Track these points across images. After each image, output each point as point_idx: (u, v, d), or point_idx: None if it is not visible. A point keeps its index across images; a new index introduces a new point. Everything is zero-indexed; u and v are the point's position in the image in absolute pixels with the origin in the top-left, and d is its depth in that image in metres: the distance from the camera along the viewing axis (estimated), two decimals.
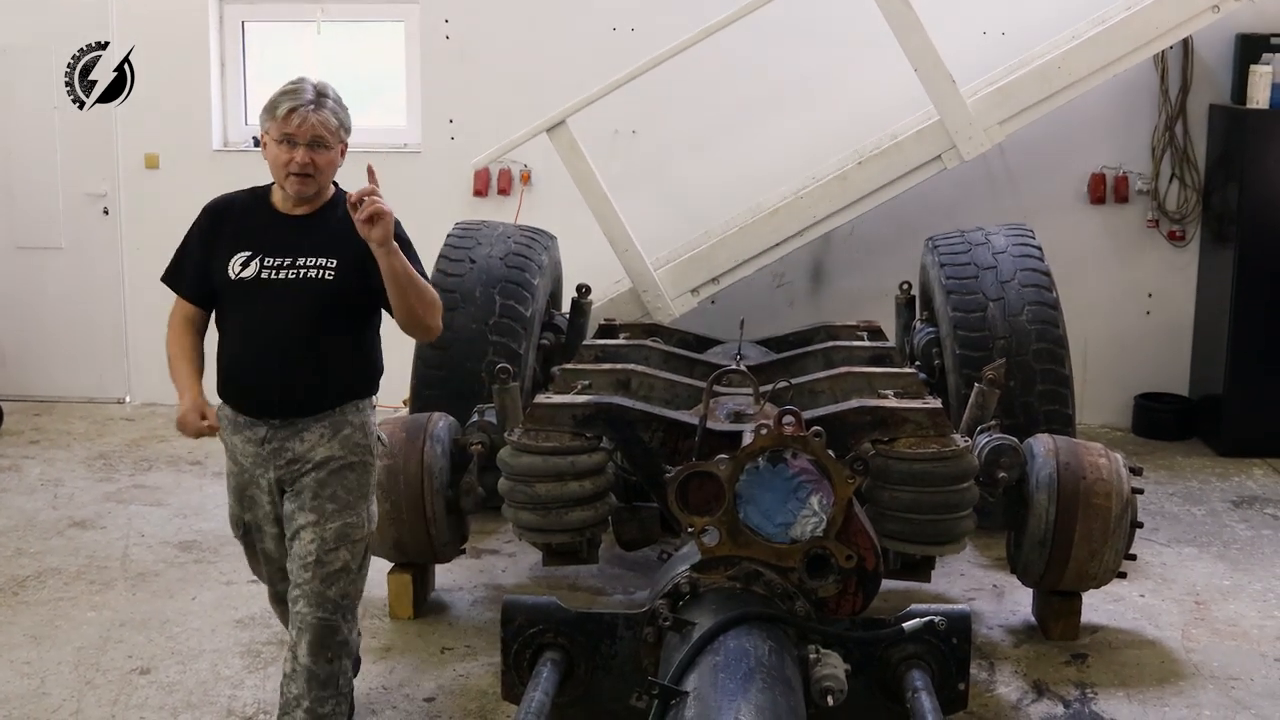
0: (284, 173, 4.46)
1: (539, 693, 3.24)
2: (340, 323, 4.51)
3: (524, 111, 8.47)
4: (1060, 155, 9.08)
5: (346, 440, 4.52)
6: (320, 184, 4.51)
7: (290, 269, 4.45)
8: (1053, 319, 6.69)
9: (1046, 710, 5.18)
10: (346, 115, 4.59)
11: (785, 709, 2.81)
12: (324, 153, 4.46)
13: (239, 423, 4.55)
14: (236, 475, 4.63)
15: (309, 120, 4.41)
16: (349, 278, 4.45)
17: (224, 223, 4.62)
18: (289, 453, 4.48)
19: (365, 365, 4.66)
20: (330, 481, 4.48)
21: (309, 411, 4.48)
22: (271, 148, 4.48)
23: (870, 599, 3.49)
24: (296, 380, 4.45)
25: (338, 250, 4.46)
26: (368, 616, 5.97)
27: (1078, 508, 5.50)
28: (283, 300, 4.43)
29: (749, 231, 8.39)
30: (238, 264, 4.48)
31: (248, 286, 4.46)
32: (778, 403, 5.23)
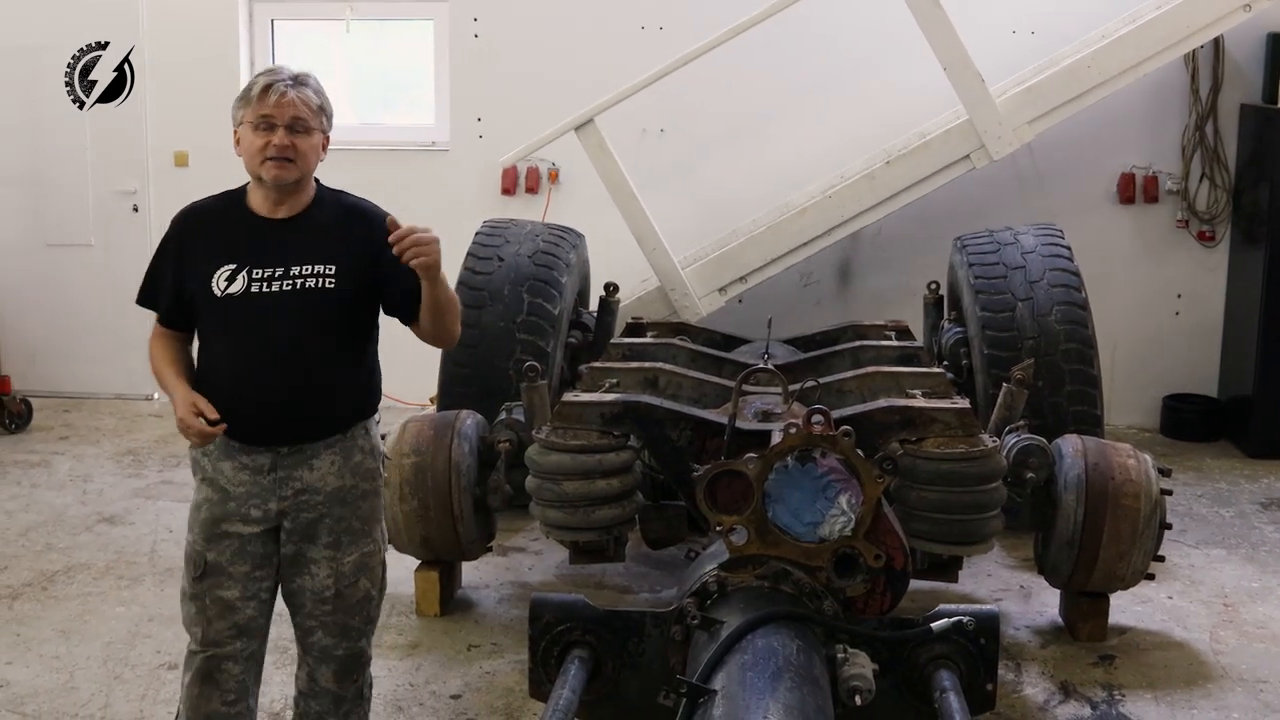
0: (260, 159, 3.99)
1: (566, 690, 3.24)
2: (346, 335, 4.12)
3: (552, 110, 8.48)
4: (1090, 155, 9.05)
5: (359, 468, 4.17)
6: (302, 171, 4.04)
7: (285, 279, 4.01)
8: (1081, 319, 6.67)
9: (1074, 712, 5.17)
10: (328, 101, 4.16)
11: (813, 708, 2.81)
12: (305, 137, 4.01)
13: (232, 448, 4.08)
14: (214, 506, 4.11)
15: (288, 97, 3.99)
16: (351, 284, 4.06)
17: (198, 234, 4.15)
18: (297, 482, 4.07)
19: (371, 381, 4.29)
20: (345, 515, 4.14)
21: (320, 435, 4.09)
22: (246, 136, 4.04)
23: (898, 599, 3.48)
24: (306, 402, 4.05)
25: (335, 254, 4.05)
26: (394, 613, 5.99)
27: (1106, 508, 5.49)
28: (281, 315, 4.00)
29: (777, 230, 8.39)
30: (223, 279, 4.01)
31: (238, 303, 4.00)
32: (805, 402, 5.22)
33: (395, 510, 5.80)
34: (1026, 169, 9.04)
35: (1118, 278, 9.07)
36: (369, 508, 4.23)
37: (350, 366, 4.15)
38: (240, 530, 4.09)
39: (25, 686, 5.31)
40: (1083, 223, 8.79)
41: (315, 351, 4.04)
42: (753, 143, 9.27)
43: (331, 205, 4.17)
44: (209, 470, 4.13)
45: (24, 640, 5.75)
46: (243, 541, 4.09)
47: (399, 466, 5.79)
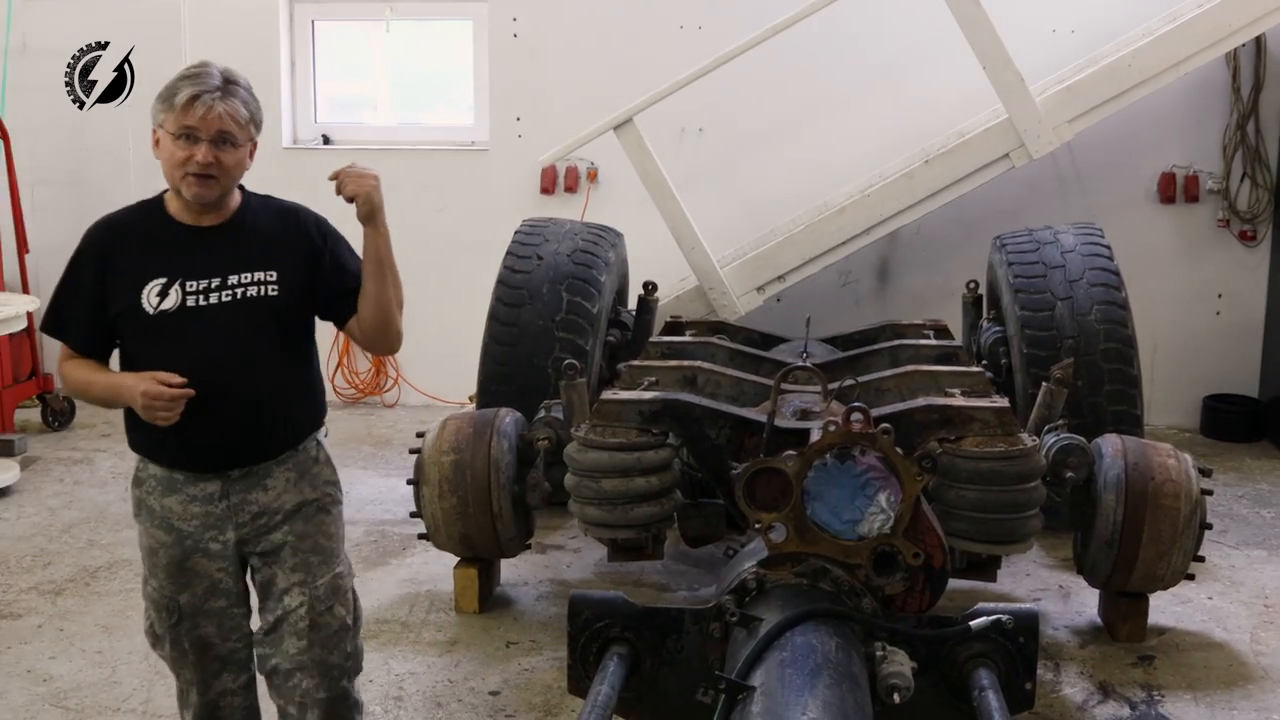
0: (180, 173, 3.67)
1: (605, 686, 3.25)
2: (292, 344, 3.87)
3: (591, 109, 8.52)
4: (1130, 154, 9.02)
5: (316, 479, 3.94)
6: (224, 188, 3.74)
7: (223, 290, 3.72)
8: (1121, 319, 6.65)
9: (1112, 712, 5.15)
10: (258, 108, 3.81)
11: (852, 705, 2.81)
12: (231, 151, 3.70)
13: (174, 481, 3.80)
14: (171, 547, 3.83)
15: (214, 110, 3.64)
16: (294, 290, 3.80)
17: (120, 248, 3.79)
18: (253, 506, 3.82)
19: (318, 390, 4.04)
20: (310, 531, 3.89)
21: (272, 454, 3.84)
22: (166, 144, 3.69)
23: (937, 597, 3.48)
24: (258, 420, 3.78)
25: (274, 259, 3.79)
26: (434, 610, 6.03)
27: (1146, 508, 5.46)
28: (222, 328, 3.71)
29: (815, 230, 8.39)
30: (154, 294, 3.70)
31: (173, 319, 3.69)
32: (844, 400, 5.23)
33: (434, 507, 5.83)
34: (1066, 168, 9.02)
35: (1158, 277, 9.04)
36: (333, 524, 3.99)
37: (300, 378, 3.93)
38: (207, 568, 3.85)
39: (69, 681, 5.36)
40: (1123, 222, 8.77)
41: (263, 365, 3.78)
42: (791, 142, 9.27)
43: (261, 209, 3.90)
44: (155, 509, 3.84)
45: (67, 635, 5.80)
46: (214, 578, 3.86)
47: (438, 464, 5.81)
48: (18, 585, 6.37)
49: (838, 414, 3.59)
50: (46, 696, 5.24)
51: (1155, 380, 8.85)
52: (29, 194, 9.38)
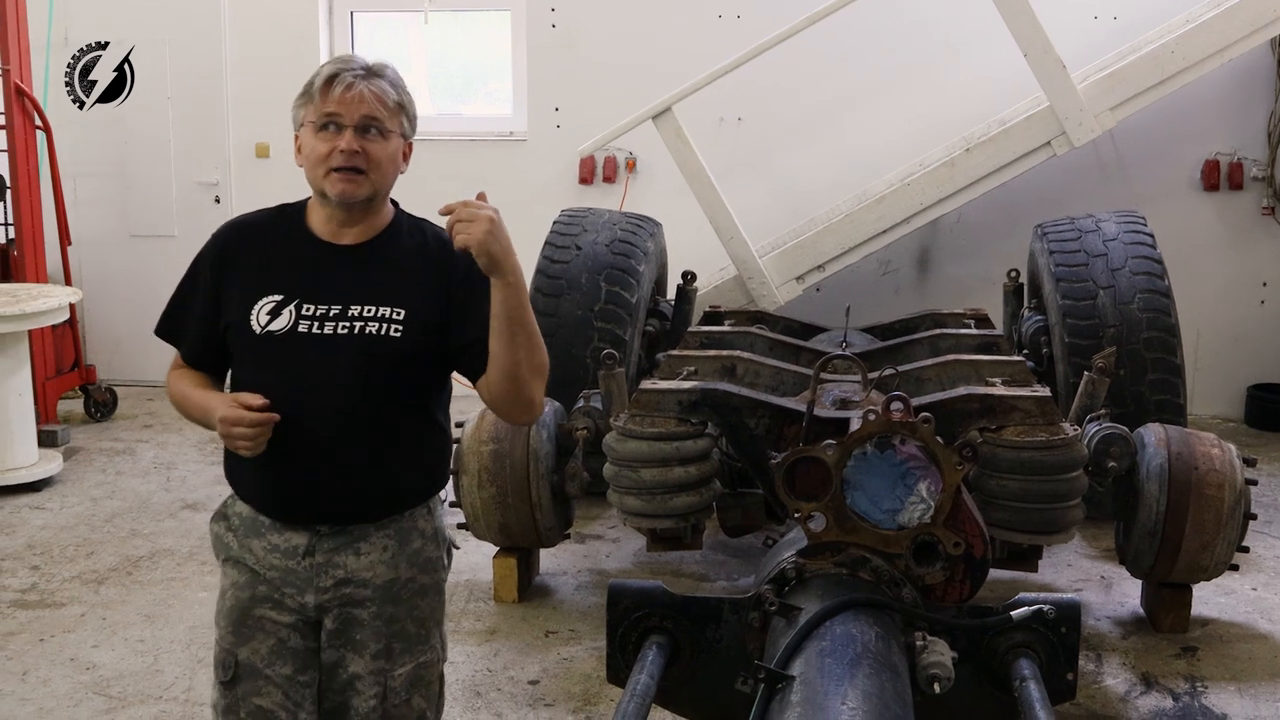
0: (324, 169, 3.21)
1: (644, 675, 3.24)
2: (410, 396, 3.33)
3: (629, 99, 8.50)
4: (1173, 141, 8.96)
5: (417, 556, 3.39)
6: (375, 187, 3.25)
7: (341, 321, 3.23)
8: (1164, 307, 6.60)
9: (1155, 703, 5.12)
10: (411, 100, 3.34)
11: (892, 695, 2.79)
12: (379, 142, 3.22)
13: (261, 525, 3.35)
14: (242, 590, 3.36)
15: (357, 91, 3.20)
16: (422, 335, 3.26)
17: (242, 254, 3.37)
18: (339, 570, 3.31)
19: (439, 451, 3.49)
20: (398, 615, 3.36)
21: (371, 516, 3.33)
22: (308, 141, 3.26)
23: (978, 586, 3.45)
24: (355, 475, 3.27)
25: (407, 296, 3.27)
26: (473, 600, 6.04)
27: (1189, 498, 5.43)
28: (331, 364, 3.22)
29: (855, 219, 8.36)
30: (264, 311, 3.26)
31: (280, 343, 3.23)
32: (884, 390, 5.21)
33: (474, 497, 5.84)
34: (1108, 156, 8.96)
35: (1201, 265, 8.97)
36: (428, 607, 3.45)
37: (413, 434, 3.36)
38: (276, 619, 3.34)
39: (111, 669, 5.39)
40: (1166, 210, 8.71)
41: (372, 413, 3.26)
42: (831, 130, 9.24)
43: (410, 234, 3.38)
44: (234, 548, 3.40)
45: (110, 624, 5.84)
46: (281, 635, 3.34)
47: (478, 454, 5.82)
48: (61, 575, 6.42)
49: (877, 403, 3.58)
50: (89, 685, 5.27)
51: (1198, 369, 8.79)
52: (71, 186, 9.43)
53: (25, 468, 7.70)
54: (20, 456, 7.71)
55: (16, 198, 8.60)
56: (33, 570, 6.49)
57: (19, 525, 7.15)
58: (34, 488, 7.63)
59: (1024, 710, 3.09)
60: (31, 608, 6.04)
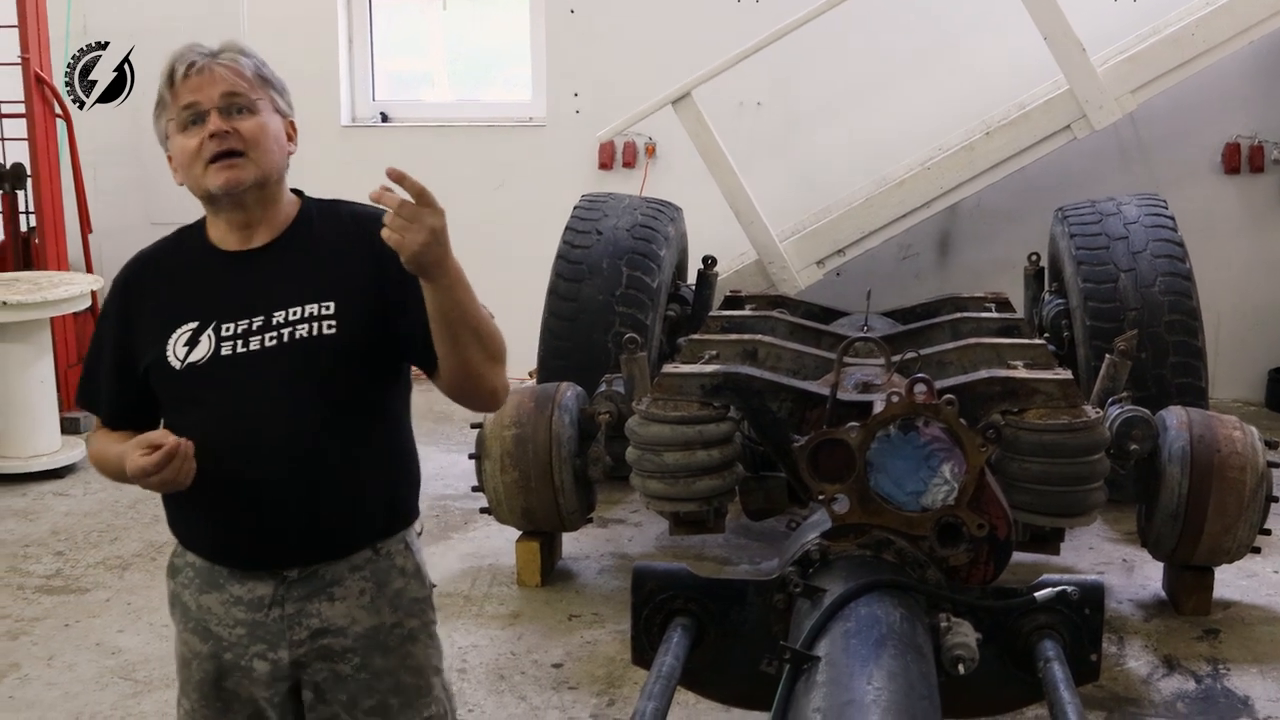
0: (201, 166, 2.85)
1: (669, 657, 3.25)
2: (362, 401, 2.93)
3: (649, 84, 8.49)
4: (1193, 124, 8.92)
5: (400, 598, 3.02)
6: (261, 168, 2.87)
7: (267, 332, 2.85)
8: (1186, 290, 6.59)
9: (1178, 685, 5.12)
10: (273, 72, 3.00)
11: (917, 675, 2.80)
12: (250, 117, 2.86)
13: (218, 575, 2.94)
14: (207, 661, 2.98)
15: (207, 70, 2.85)
16: (361, 325, 2.88)
17: (146, 289, 3.01)
18: (314, 619, 2.93)
19: (407, 468, 3.12)
20: (390, 667, 3.01)
21: (341, 550, 2.94)
22: (177, 146, 2.90)
23: (1002, 568, 3.46)
24: (317, 506, 2.88)
25: (332, 286, 2.90)
26: (496, 584, 6.06)
27: (1211, 481, 5.42)
28: (268, 383, 2.84)
29: (875, 203, 8.35)
30: (180, 343, 2.87)
31: (205, 374, 2.85)
32: (905, 373, 5.21)
33: (496, 482, 5.85)
34: (1129, 139, 8.93)
35: (1223, 249, 8.94)
36: (423, 653, 3.09)
37: (378, 448, 2.99)
38: (250, 692, 2.98)
39: (136, 654, 5.42)
40: (1186, 193, 8.68)
41: (323, 431, 2.87)
42: (850, 115, 9.23)
43: (324, 219, 3.01)
44: (191, 608, 3.00)
45: (134, 609, 5.87)
46: (258, 708, 2.99)
47: (500, 439, 5.83)
48: (85, 560, 6.45)
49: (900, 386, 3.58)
50: (115, 669, 5.31)
51: (1220, 352, 8.76)
52: (91, 175, 9.45)
53: (48, 454, 7.74)
54: (43, 443, 7.75)
55: (37, 186, 8.63)
56: (57, 556, 6.52)
57: (43, 512, 7.19)
58: (57, 474, 7.67)
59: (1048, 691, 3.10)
60: (56, 593, 6.08)
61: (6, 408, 7.68)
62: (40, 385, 7.77)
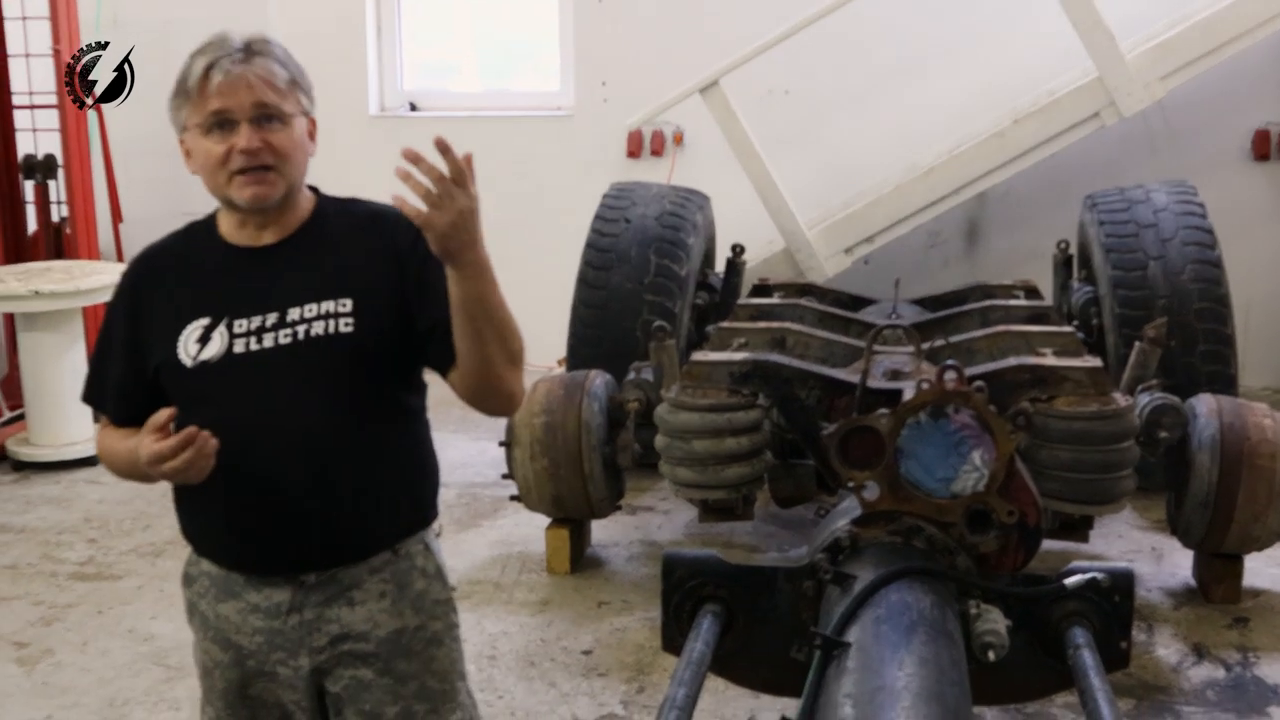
0: (226, 175, 2.79)
1: (700, 644, 3.27)
2: (380, 403, 2.89)
3: (677, 72, 8.49)
4: (1223, 111, 8.86)
5: (422, 600, 2.97)
6: (289, 181, 2.83)
7: (281, 329, 2.80)
8: (1215, 278, 6.57)
9: (1207, 673, 5.12)
10: (301, 70, 2.90)
11: (948, 661, 2.81)
12: (281, 129, 2.80)
13: (234, 583, 2.90)
14: (228, 669, 2.94)
15: (240, 77, 2.75)
16: (379, 324, 2.83)
17: (156, 285, 2.95)
18: (333, 625, 2.88)
19: (425, 466, 3.05)
20: (414, 671, 2.96)
21: (359, 553, 2.89)
22: (197, 145, 2.82)
23: (1031, 555, 3.47)
24: (335, 509, 2.83)
25: (350, 283, 2.84)
26: (525, 571, 6.08)
27: (1241, 469, 5.40)
28: (282, 382, 2.80)
29: (903, 191, 8.34)
30: (192, 340, 2.82)
31: (218, 372, 2.80)
32: (934, 361, 5.21)
33: (526, 469, 5.87)
34: (1158, 126, 8.89)
35: (1253, 236, 8.89)
36: (446, 657, 3.04)
37: (396, 448, 2.94)
38: (276, 696, 2.96)
39: (169, 640, 5.45)
40: (1216, 180, 8.61)
41: (340, 431, 2.83)
42: (878, 103, 9.20)
43: (339, 216, 2.97)
44: (209, 617, 2.96)
45: (167, 595, 5.90)
46: (285, 711, 2.97)
47: (530, 426, 5.85)
48: (118, 548, 6.50)
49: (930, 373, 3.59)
50: (148, 655, 5.35)
51: (1250, 340, 8.70)
52: (122, 165, 9.49)
53: (81, 443, 7.77)
54: (75, 431, 7.79)
55: (69, 176, 8.66)
56: (90, 543, 6.57)
57: (75, 499, 7.24)
58: (89, 462, 7.70)
59: (1078, 678, 3.11)
60: (90, 580, 6.12)
61: (39, 396, 7.73)
62: (72, 374, 7.81)
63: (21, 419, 8.06)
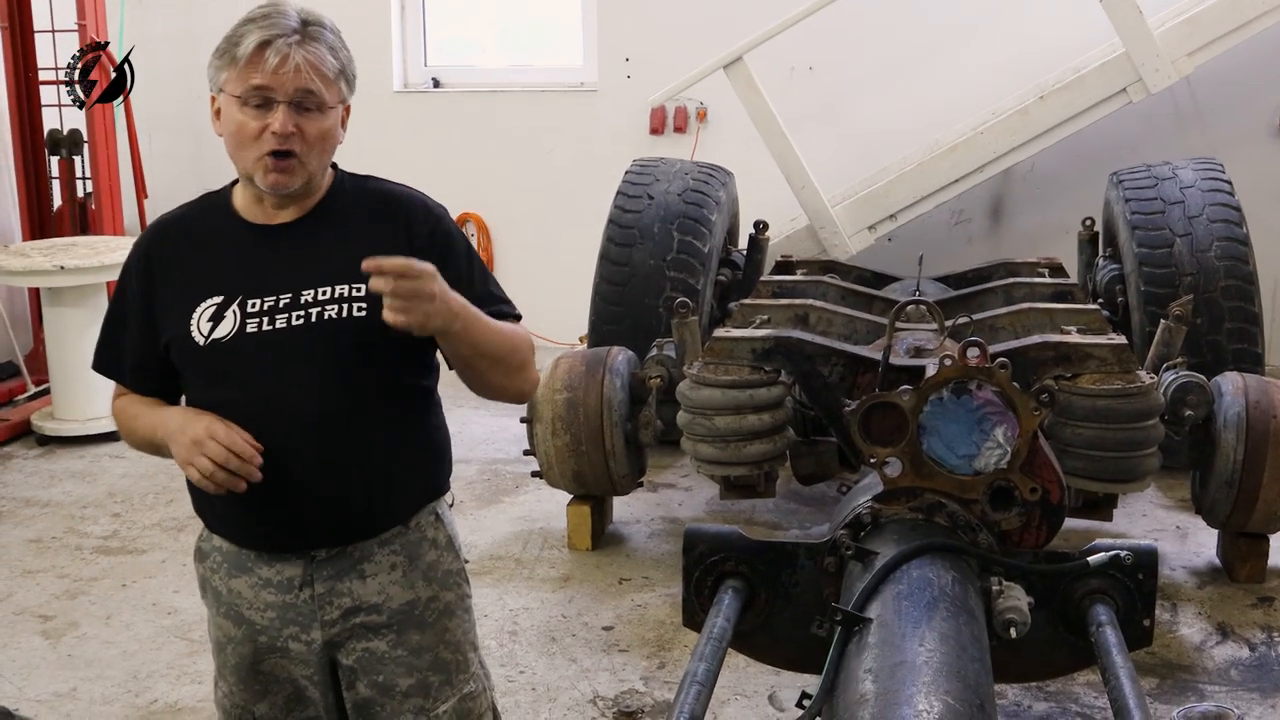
0: (252, 153, 2.77)
1: (721, 619, 3.26)
2: (393, 384, 2.89)
3: (700, 48, 8.46)
4: (1251, 87, 8.80)
5: (434, 571, 2.99)
6: (310, 171, 2.81)
7: (294, 310, 2.79)
8: (1242, 255, 6.53)
9: (1231, 653, 5.10)
10: (350, 58, 2.87)
11: (969, 638, 2.81)
12: (317, 118, 2.77)
13: (244, 559, 2.91)
14: (240, 644, 2.95)
15: (291, 60, 2.71)
16: None
17: (170, 257, 2.92)
18: (345, 598, 2.90)
19: (436, 446, 3.06)
20: (427, 643, 2.97)
21: (370, 530, 2.90)
22: (230, 113, 2.78)
23: (1054, 532, 3.45)
24: (346, 487, 2.85)
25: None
26: (547, 547, 6.09)
27: (1267, 447, 5.37)
28: (294, 363, 2.79)
29: (927, 168, 8.31)
30: (205, 318, 2.81)
31: (229, 351, 2.79)
32: (957, 338, 5.19)
33: (548, 445, 5.88)
34: (1185, 103, 8.83)
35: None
36: (459, 628, 3.05)
37: (406, 428, 2.95)
38: (289, 671, 2.97)
39: (192, 614, 5.47)
40: (1243, 157, 8.55)
41: (351, 410, 2.82)
42: (903, 79, 9.16)
43: (358, 196, 2.94)
44: (222, 593, 2.96)
45: (190, 570, 5.81)
46: (298, 685, 2.98)
47: (551, 402, 5.85)
48: (142, 522, 6.52)
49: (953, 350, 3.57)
50: (171, 629, 5.37)
51: (1277, 318, 8.68)
52: (147, 140, 9.51)
53: (105, 417, 7.78)
54: (99, 406, 7.80)
55: (94, 152, 8.69)
56: (114, 518, 6.60)
57: (99, 474, 7.27)
58: (113, 437, 7.71)
59: (1100, 656, 3.10)
60: (113, 554, 6.15)
61: (63, 371, 7.75)
62: None
63: (46, 394, 8.10)
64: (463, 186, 8.87)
